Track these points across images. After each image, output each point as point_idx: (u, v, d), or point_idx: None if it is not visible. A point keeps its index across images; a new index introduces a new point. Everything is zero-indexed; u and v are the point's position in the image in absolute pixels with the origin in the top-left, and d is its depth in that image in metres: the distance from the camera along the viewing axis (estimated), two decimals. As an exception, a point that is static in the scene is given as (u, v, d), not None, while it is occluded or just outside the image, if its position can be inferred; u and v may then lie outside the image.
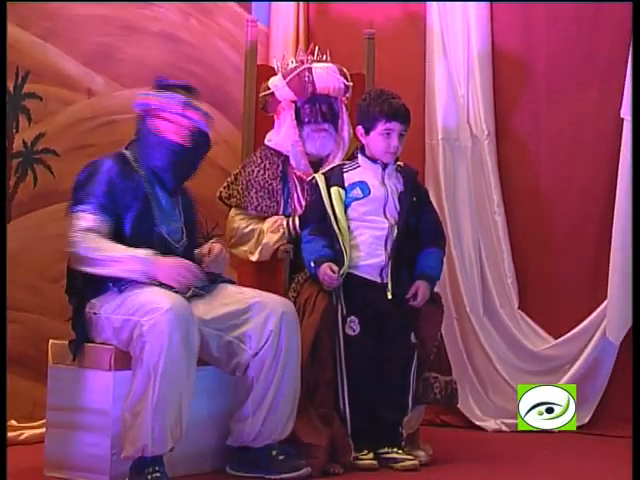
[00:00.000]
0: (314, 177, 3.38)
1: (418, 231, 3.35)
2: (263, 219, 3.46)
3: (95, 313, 2.93)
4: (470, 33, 4.15)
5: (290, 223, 3.43)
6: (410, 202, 3.32)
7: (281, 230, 3.42)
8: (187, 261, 2.94)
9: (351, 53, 4.09)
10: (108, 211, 2.91)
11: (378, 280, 3.26)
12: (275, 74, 3.56)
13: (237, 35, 4.18)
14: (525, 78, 4.14)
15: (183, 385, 2.77)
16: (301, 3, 4.41)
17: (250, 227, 3.45)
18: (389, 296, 3.23)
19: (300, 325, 3.15)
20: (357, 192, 3.31)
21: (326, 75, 3.45)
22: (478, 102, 4.13)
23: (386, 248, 3.27)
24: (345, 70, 3.54)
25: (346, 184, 3.32)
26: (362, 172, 3.35)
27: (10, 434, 3.40)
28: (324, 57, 3.54)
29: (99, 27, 3.80)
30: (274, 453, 2.98)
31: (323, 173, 3.37)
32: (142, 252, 2.87)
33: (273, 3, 4.42)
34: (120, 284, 2.89)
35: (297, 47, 4.34)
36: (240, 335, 2.96)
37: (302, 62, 3.51)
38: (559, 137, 4.08)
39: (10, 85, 3.53)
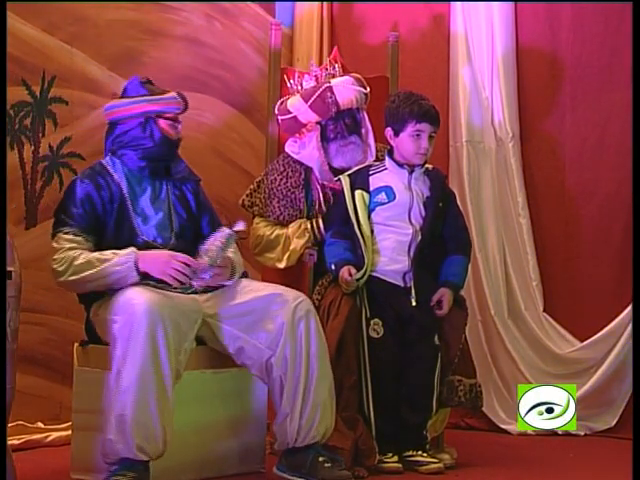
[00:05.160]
0: (339, 178, 3.37)
1: (443, 236, 3.33)
2: (287, 224, 3.46)
3: (97, 316, 2.99)
4: (494, 34, 4.14)
5: (314, 225, 3.43)
6: (436, 207, 3.30)
7: (307, 235, 3.41)
8: (175, 253, 2.93)
9: (375, 55, 4.10)
10: (88, 230, 2.98)
11: (401, 284, 3.25)
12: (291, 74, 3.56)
13: (260, 38, 4.19)
14: (550, 79, 4.12)
15: (149, 383, 2.74)
16: (325, 3, 4.41)
17: (275, 233, 3.44)
18: (413, 303, 3.22)
19: (324, 328, 3.14)
20: (382, 197, 3.29)
21: (346, 90, 3.42)
22: (502, 104, 4.11)
23: (409, 253, 3.25)
24: (361, 77, 3.51)
25: (371, 188, 3.30)
26: (388, 175, 3.33)
27: (37, 436, 3.43)
28: (336, 66, 3.50)
29: (124, 31, 3.82)
30: (321, 459, 2.94)
31: (349, 175, 3.35)
32: (123, 253, 2.91)
33: (297, 4, 4.42)
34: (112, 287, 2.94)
35: (321, 50, 4.35)
36: (256, 335, 2.95)
37: (317, 78, 3.48)
38: (584, 139, 4.06)
39: (36, 90, 3.56)
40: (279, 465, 3.01)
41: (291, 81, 3.53)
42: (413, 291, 3.23)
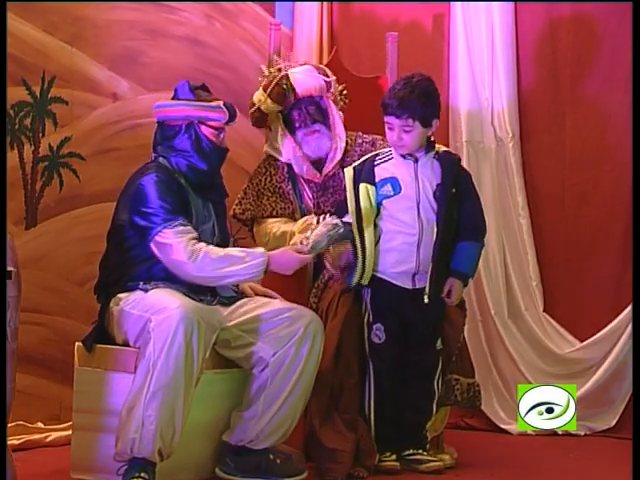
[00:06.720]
0: (343, 171, 3.30)
1: (457, 222, 3.18)
2: (293, 221, 3.45)
3: (118, 306, 2.98)
4: (494, 34, 4.14)
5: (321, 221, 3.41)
6: (448, 195, 3.14)
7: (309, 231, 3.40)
8: (290, 250, 3.00)
9: (375, 55, 4.11)
10: (189, 218, 2.97)
11: (409, 286, 3.17)
12: None
13: (260, 38, 4.19)
14: (550, 79, 4.12)
15: (180, 387, 2.77)
16: (325, 3, 4.41)
17: (281, 230, 3.42)
18: (426, 300, 3.14)
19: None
20: (387, 189, 3.18)
21: (305, 77, 3.44)
22: (502, 104, 4.11)
23: (418, 254, 3.15)
24: (323, 67, 3.54)
25: (377, 179, 3.19)
26: (394, 165, 3.20)
27: (37, 436, 3.43)
28: (300, 61, 3.54)
29: (124, 32, 3.83)
30: (271, 457, 2.98)
31: (354, 167, 3.26)
32: (257, 253, 2.95)
33: (297, 4, 4.42)
34: (149, 284, 2.95)
35: (321, 50, 4.35)
36: (264, 337, 2.99)
37: (280, 71, 3.50)
38: (584, 138, 4.06)
39: (36, 90, 3.56)
40: (223, 467, 3.00)
41: (260, 78, 3.55)
42: (427, 288, 3.14)
